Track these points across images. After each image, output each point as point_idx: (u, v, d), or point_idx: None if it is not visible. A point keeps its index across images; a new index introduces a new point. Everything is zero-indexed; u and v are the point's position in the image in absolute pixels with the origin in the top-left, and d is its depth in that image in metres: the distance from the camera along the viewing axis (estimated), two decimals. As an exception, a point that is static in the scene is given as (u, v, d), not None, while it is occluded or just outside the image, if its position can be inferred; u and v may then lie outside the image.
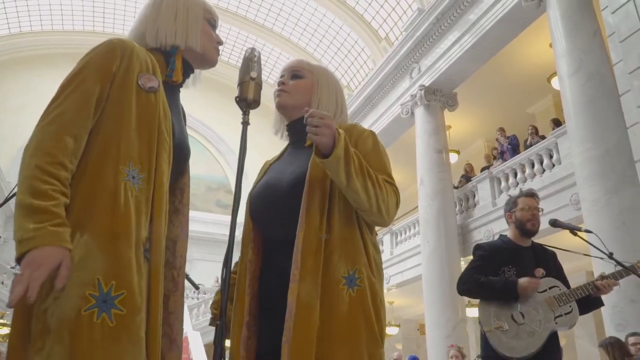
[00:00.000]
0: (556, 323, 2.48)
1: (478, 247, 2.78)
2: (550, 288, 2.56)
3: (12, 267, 13.97)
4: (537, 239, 2.81)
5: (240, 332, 1.38)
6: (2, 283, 13.71)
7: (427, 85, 9.55)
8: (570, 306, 2.52)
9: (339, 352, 1.26)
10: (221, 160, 22.29)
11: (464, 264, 8.56)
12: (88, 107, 1.20)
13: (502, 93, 10.25)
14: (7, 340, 1.12)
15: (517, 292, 2.47)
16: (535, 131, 9.19)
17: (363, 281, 1.32)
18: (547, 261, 2.69)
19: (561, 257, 2.83)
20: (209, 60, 1.46)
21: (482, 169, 9.88)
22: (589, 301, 2.58)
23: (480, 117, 11.19)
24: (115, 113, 1.22)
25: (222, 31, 18.37)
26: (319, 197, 1.37)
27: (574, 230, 2.46)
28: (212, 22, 1.47)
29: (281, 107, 1.59)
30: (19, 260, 1.05)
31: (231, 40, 19.11)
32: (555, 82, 9.00)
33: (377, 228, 1.55)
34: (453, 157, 10.69)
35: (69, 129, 1.16)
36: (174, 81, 1.39)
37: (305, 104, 1.55)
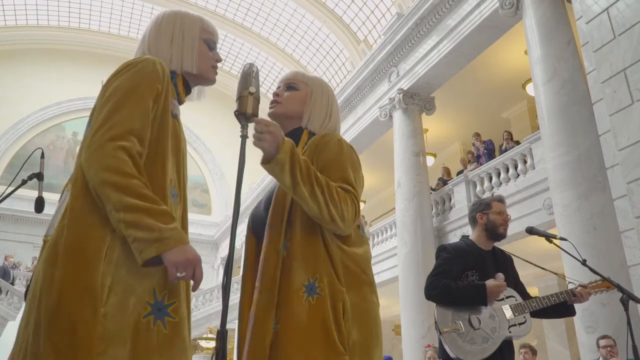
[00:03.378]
0: (510, 332, 2.51)
1: (442, 249, 2.77)
2: (507, 297, 2.59)
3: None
4: (505, 244, 2.82)
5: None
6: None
7: (405, 89, 9.65)
8: (524, 317, 2.55)
9: (293, 358, 1.30)
10: (198, 160, 22.14)
11: (439, 266, 8.66)
12: (149, 123, 1.25)
13: (478, 98, 10.42)
14: None
15: (486, 295, 2.48)
16: (510, 136, 9.38)
17: (323, 289, 1.35)
18: (505, 266, 2.72)
19: (534, 261, 2.89)
20: (205, 80, 1.49)
21: (458, 173, 10.03)
22: (562, 308, 2.63)
23: (457, 120, 11.36)
24: (158, 135, 1.27)
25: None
26: (280, 210, 1.43)
27: (549, 237, 2.51)
28: (209, 43, 1.49)
29: (274, 117, 1.60)
30: (152, 259, 1.12)
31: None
32: (530, 88, 9.21)
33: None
34: (430, 160, 10.82)
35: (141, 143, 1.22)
36: (181, 101, 1.46)
37: (298, 114, 1.59)
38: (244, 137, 1.28)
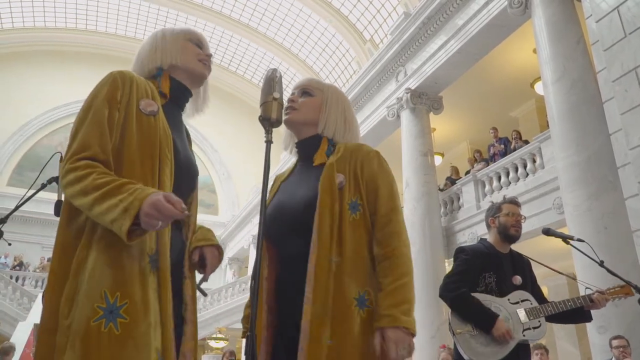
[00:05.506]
0: (524, 335, 2.51)
1: (461, 250, 2.77)
2: (522, 301, 2.58)
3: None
4: (515, 243, 2.82)
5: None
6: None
7: (413, 88, 9.63)
8: (539, 321, 2.55)
9: None
10: (205, 160, 22.18)
11: (448, 265, 8.66)
12: (105, 132, 1.30)
13: (486, 97, 10.39)
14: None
15: (492, 328, 2.46)
16: (519, 136, 9.34)
17: (372, 302, 1.38)
18: (523, 269, 2.72)
19: (545, 260, 2.88)
20: (194, 72, 1.55)
21: (467, 172, 10.00)
22: (578, 314, 2.62)
23: (464, 120, 11.33)
24: (120, 137, 1.32)
25: (205, 29, 18.25)
26: (329, 222, 1.41)
27: (566, 239, 2.50)
28: (194, 41, 1.57)
29: (289, 123, 1.61)
30: (137, 231, 1.15)
31: (215, 40, 18.99)
32: (538, 87, 9.18)
33: None
34: (437, 160, 10.80)
35: (93, 152, 1.27)
36: (164, 94, 1.48)
37: (314, 121, 1.59)
38: (268, 142, 1.29)
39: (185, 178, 1.43)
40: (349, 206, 1.45)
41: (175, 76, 1.51)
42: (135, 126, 1.34)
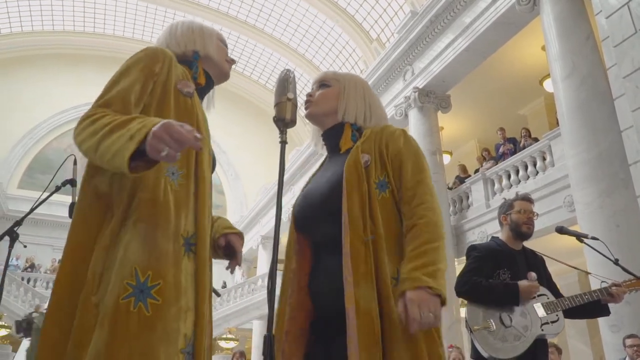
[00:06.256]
0: (542, 330, 2.49)
1: (473, 248, 2.75)
2: (539, 295, 2.56)
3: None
4: (527, 241, 2.81)
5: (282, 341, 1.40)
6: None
7: (420, 87, 9.60)
8: (557, 315, 2.52)
9: (403, 354, 1.24)
10: (213, 161, 22.20)
11: (457, 264, 8.62)
12: (135, 94, 1.28)
13: (494, 95, 10.33)
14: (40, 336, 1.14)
15: (518, 295, 2.47)
16: (528, 133, 9.29)
17: None
18: (537, 266, 2.70)
19: (558, 258, 2.86)
20: (222, 71, 1.57)
21: (476, 171, 9.96)
22: (596, 308, 2.60)
23: (472, 118, 11.28)
24: (156, 112, 1.29)
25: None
26: (358, 200, 1.38)
27: (580, 237, 2.48)
28: (223, 44, 1.60)
29: (310, 117, 1.62)
30: (139, 162, 1.08)
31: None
32: (547, 84, 9.12)
33: None
34: (445, 158, 10.76)
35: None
36: (198, 83, 1.48)
37: (333, 110, 1.58)
38: (283, 142, 1.29)
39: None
40: (377, 185, 1.42)
41: (206, 68, 1.53)
42: (173, 103, 1.33)
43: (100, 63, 20.60)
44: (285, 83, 1.36)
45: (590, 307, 2.58)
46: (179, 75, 1.39)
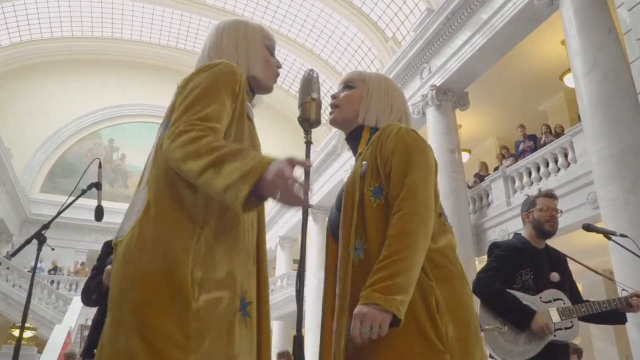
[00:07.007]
0: (554, 335, 2.42)
1: (496, 246, 2.69)
2: (555, 300, 2.50)
3: (28, 271, 14.07)
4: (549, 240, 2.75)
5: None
6: (20, 287, 13.79)
7: (438, 85, 9.53)
8: (571, 322, 2.46)
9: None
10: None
11: (478, 263, 8.54)
12: (227, 117, 1.23)
13: (513, 91, 10.21)
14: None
15: (530, 325, 2.39)
16: (549, 130, 9.15)
17: None
18: (560, 266, 2.64)
19: (580, 256, 2.80)
20: (266, 87, 1.47)
21: (495, 168, 9.85)
22: (612, 315, 2.54)
23: (491, 115, 11.16)
24: (236, 133, 1.27)
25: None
26: (349, 213, 1.40)
27: (608, 234, 2.43)
28: (270, 49, 1.49)
29: (333, 123, 1.62)
30: (252, 200, 1.05)
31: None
32: (567, 79, 8.98)
33: None
34: (464, 156, 10.67)
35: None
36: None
37: (355, 115, 1.57)
38: (308, 143, 1.29)
39: None
40: (372, 192, 1.39)
41: (251, 83, 1.42)
42: (246, 126, 1.30)
43: (119, 68, 20.87)
44: (309, 83, 1.36)
45: (607, 315, 2.52)
46: (246, 97, 1.34)
